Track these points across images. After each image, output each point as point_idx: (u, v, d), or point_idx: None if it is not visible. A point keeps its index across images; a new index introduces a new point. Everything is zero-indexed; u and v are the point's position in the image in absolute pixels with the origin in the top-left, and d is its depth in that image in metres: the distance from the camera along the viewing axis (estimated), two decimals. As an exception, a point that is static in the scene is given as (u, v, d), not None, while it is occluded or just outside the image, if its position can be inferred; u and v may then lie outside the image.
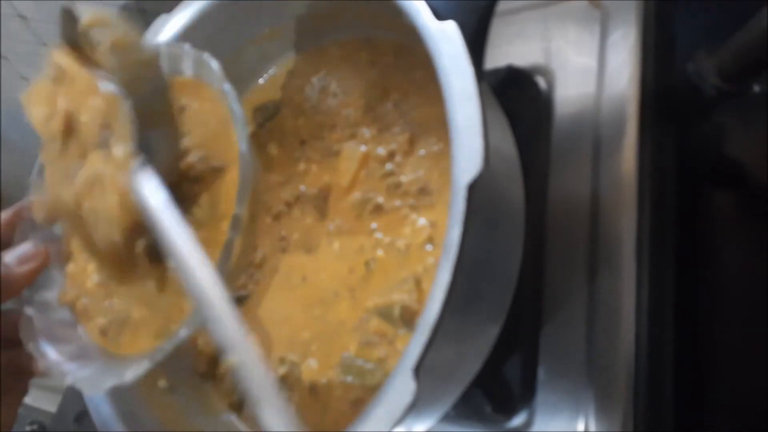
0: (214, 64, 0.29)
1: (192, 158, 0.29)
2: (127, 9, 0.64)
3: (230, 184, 0.27)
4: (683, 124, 0.39)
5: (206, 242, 0.26)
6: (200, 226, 0.27)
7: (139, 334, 0.28)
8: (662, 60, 0.39)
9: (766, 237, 0.36)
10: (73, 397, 0.58)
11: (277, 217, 0.37)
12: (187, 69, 0.31)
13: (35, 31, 0.71)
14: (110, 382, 0.26)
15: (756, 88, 0.38)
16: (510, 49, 0.42)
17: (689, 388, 0.35)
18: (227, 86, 0.28)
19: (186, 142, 0.29)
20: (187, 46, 0.31)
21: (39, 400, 0.66)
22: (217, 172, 0.28)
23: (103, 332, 0.29)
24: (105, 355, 0.29)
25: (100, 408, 0.33)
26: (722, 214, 0.38)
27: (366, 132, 0.36)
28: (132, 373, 0.26)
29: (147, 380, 0.36)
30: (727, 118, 0.39)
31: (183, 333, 0.26)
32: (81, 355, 0.29)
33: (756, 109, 0.38)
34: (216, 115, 0.29)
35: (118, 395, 0.33)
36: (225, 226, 0.27)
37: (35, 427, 0.64)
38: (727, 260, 0.37)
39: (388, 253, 0.32)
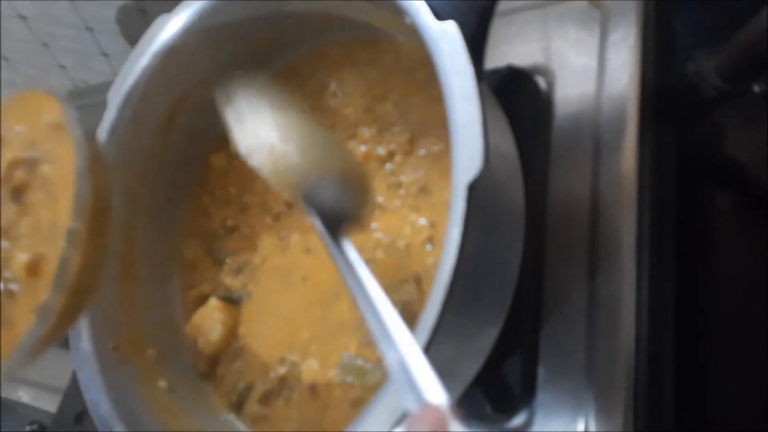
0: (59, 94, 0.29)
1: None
2: (127, 9, 0.64)
3: (69, 203, 0.27)
4: (683, 124, 0.39)
5: (49, 259, 0.27)
6: (43, 244, 0.28)
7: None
8: (662, 60, 0.39)
9: (766, 237, 0.36)
10: (73, 397, 0.58)
11: (277, 217, 0.37)
12: None
13: (35, 31, 0.71)
14: None
15: (756, 88, 0.38)
16: (510, 49, 0.42)
17: (689, 388, 0.35)
18: (69, 108, 0.28)
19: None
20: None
21: (39, 400, 0.66)
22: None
23: None
24: None
25: (100, 408, 0.33)
26: (722, 214, 0.38)
27: (366, 132, 0.36)
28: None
29: (147, 380, 0.36)
30: (727, 118, 0.39)
31: (22, 351, 0.27)
32: None
33: (756, 109, 0.38)
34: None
35: (118, 395, 0.33)
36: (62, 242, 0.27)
37: (35, 427, 0.64)
38: (727, 260, 0.37)
39: (388, 253, 0.32)
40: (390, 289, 0.31)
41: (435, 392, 0.21)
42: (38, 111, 0.30)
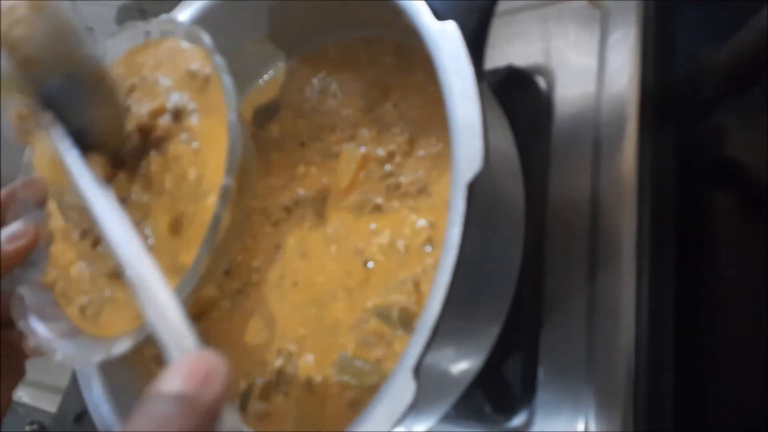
0: (206, 38, 0.28)
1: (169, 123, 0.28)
2: (127, 9, 0.64)
3: (216, 158, 0.26)
4: (683, 124, 0.39)
5: (191, 217, 0.26)
6: (185, 201, 0.27)
7: (119, 314, 0.28)
8: (662, 60, 0.39)
9: (766, 237, 0.36)
10: (73, 397, 0.58)
11: (276, 224, 0.37)
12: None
13: (35, 32, 0.71)
14: (98, 357, 0.27)
15: (756, 88, 0.38)
16: (510, 49, 0.42)
17: (689, 388, 0.35)
18: (218, 58, 0.27)
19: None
20: (178, 20, 0.31)
21: (39, 400, 0.66)
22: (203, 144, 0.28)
23: (82, 311, 0.29)
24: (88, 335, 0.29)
25: (100, 408, 0.33)
26: (722, 214, 0.38)
27: (365, 133, 0.36)
28: (119, 347, 0.26)
29: (147, 380, 0.36)
30: (727, 118, 0.39)
31: None
32: (71, 333, 0.29)
33: (756, 109, 0.38)
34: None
35: (118, 395, 0.33)
36: (211, 200, 0.26)
37: (35, 427, 0.64)
38: (727, 260, 0.37)
39: (387, 255, 0.32)
40: (389, 290, 0.31)
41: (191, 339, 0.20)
42: (183, 61, 0.29)
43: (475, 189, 0.23)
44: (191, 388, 0.17)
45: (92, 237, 0.29)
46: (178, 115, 0.28)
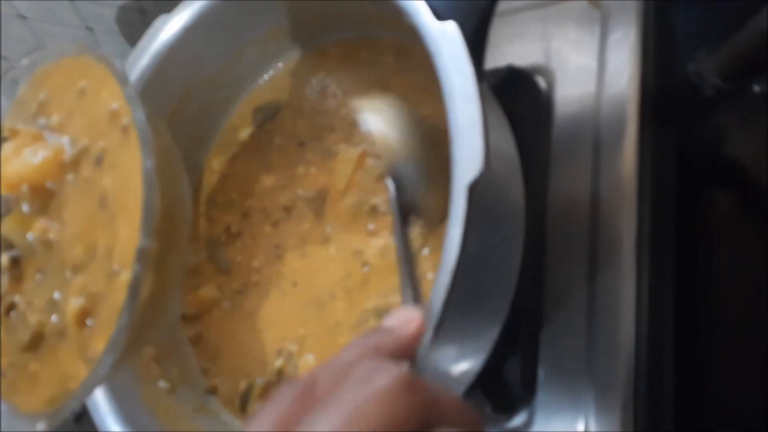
0: (118, 65, 0.25)
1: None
2: (127, 9, 0.64)
3: (135, 222, 0.22)
4: (683, 124, 0.39)
5: (102, 299, 0.22)
6: (96, 279, 0.23)
7: (33, 390, 0.26)
8: (662, 60, 0.39)
9: (766, 237, 0.36)
10: (73, 397, 0.58)
11: (275, 224, 0.37)
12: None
13: (35, 31, 0.71)
14: (27, 429, 0.25)
15: (756, 88, 0.38)
16: (510, 49, 0.42)
17: (689, 388, 0.35)
18: (130, 90, 0.23)
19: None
20: (87, 47, 0.27)
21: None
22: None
23: (4, 377, 0.26)
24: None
25: (100, 408, 0.33)
26: (722, 214, 0.38)
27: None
28: (39, 427, 0.24)
29: (147, 380, 0.36)
30: (727, 118, 0.39)
31: (77, 399, 0.23)
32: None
33: (756, 109, 0.38)
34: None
35: (118, 395, 0.33)
36: (126, 276, 0.21)
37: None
38: (727, 260, 0.37)
39: (386, 255, 0.32)
40: (387, 291, 0.31)
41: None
42: (102, 100, 0.24)
43: (475, 190, 0.23)
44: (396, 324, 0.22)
45: (5, 304, 0.26)
46: (99, 161, 0.23)
